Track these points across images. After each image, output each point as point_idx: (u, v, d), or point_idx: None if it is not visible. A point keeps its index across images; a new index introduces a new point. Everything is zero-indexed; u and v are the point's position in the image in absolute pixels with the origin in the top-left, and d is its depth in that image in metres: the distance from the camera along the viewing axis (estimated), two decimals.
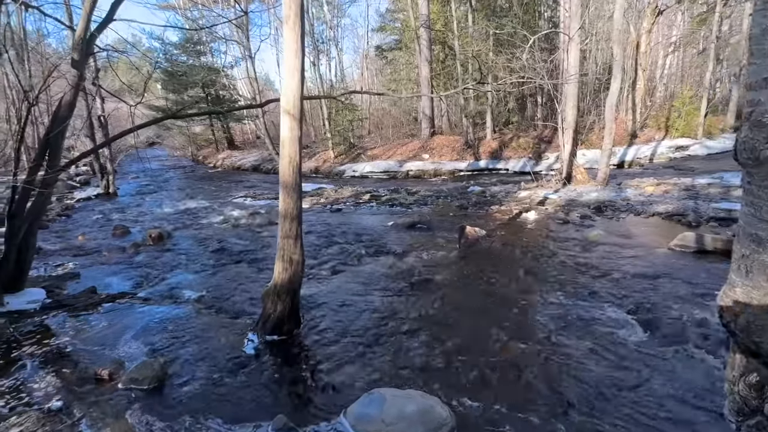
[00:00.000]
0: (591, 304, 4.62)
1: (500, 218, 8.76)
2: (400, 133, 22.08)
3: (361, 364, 3.71)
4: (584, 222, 7.98)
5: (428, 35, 19.39)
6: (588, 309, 4.50)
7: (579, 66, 11.11)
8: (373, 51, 30.27)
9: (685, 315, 4.21)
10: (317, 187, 14.26)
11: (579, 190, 10.56)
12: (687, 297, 4.63)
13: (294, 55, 3.72)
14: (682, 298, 4.60)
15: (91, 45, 5.50)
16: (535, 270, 5.75)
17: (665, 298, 4.65)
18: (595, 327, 4.13)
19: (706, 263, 5.60)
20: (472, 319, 4.46)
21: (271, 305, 4.11)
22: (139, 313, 4.77)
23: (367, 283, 5.56)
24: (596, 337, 3.95)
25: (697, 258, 5.80)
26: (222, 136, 29.18)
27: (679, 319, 4.13)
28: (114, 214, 11.52)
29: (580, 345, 3.83)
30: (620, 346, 3.77)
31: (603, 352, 3.70)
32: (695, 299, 4.56)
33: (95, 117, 14.79)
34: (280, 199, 3.99)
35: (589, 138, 18.40)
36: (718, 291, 2.72)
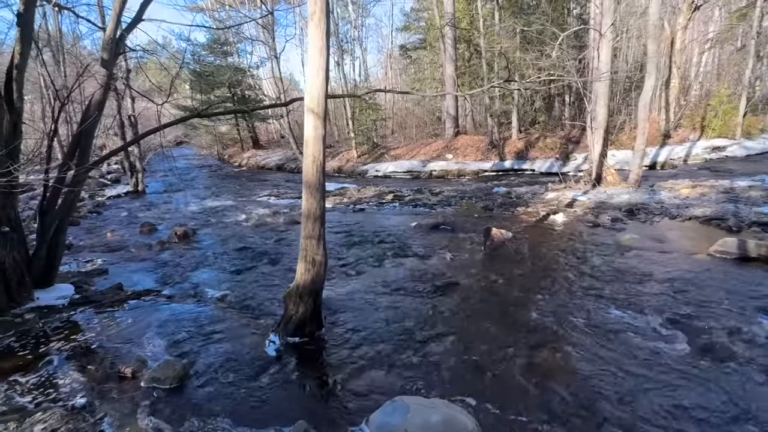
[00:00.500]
0: (626, 312, 4.40)
1: (527, 220, 8.52)
2: (423, 132, 21.89)
3: (383, 369, 3.61)
4: (615, 225, 7.68)
5: (453, 34, 19.15)
6: (622, 318, 4.29)
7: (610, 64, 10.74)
8: (397, 50, 30.16)
9: (730, 327, 3.95)
10: (340, 186, 14.25)
11: (609, 192, 10.19)
12: (731, 307, 4.36)
13: (319, 53, 3.65)
14: (726, 309, 4.33)
15: (120, 45, 5.57)
16: (564, 275, 5.54)
17: (707, 308, 4.38)
18: (632, 337, 3.91)
19: (750, 271, 5.28)
20: (499, 325, 4.30)
21: (293, 306, 4.06)
22: (163, 311, 4.79)
23: (390, 285, 5.45)
24: (633, 348, 3.74)
25: (740, 265, 5.47)
26: (247, 135, 29.58)
27: (724, 332, 3.88)
28: (142, 212, 11.75)
29: (615, 356, 3.64)
30: (659, 359, 3.56)
31: (641, 365, 3.50)
32: (741, 310, 4.28)
33: (125, 116, 15.16)
34: (303, 198, 3.93)
35: (619, 138, 17.82)
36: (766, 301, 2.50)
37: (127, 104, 15.45)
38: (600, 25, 10.87)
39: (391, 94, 25.03)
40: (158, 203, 13.23)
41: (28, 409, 3.12)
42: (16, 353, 3.88)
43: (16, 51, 4.89)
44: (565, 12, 20.07)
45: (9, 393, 3.31)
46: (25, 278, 4.80)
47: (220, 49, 26.51)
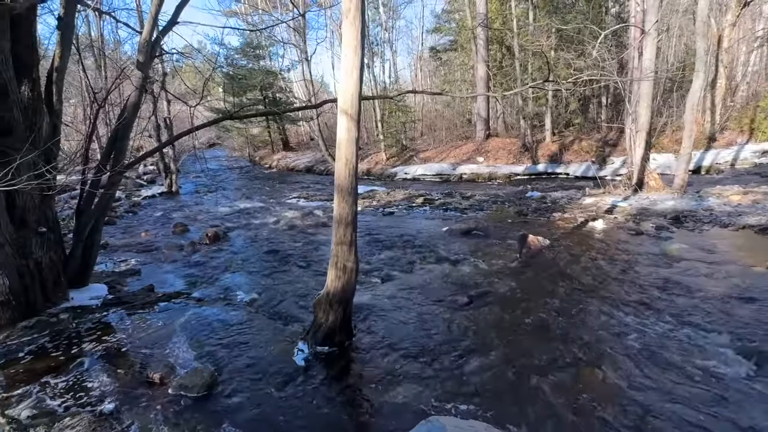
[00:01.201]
0: (677, 329, 4.06)
1: (564, 227, 8.15)
2: (453, 135, 21.57)
3: (416, 383, 3.42)
4: (660, 234, 7.23)
5: (485, 34, 18.79)
6: (674, 335, 3.95)
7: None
8: (427, 52, 29.92)
9: None
10: (369, 189, 14.14)
11: (652, 197, 9.67)
12: None
13: (353, 52, 3.51)
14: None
15: (155, 48, 5.61)
16: (607, 287, 5.21)
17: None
18: (686, 357, 3.59)
19: None
20: (538, 339, 4.05)
21: (322, 314, 3.93)
22: (192, 314, 4.75)
23: (421, 293, 5.26)
24: (688, 369, 3.42)
25: None
26: (278, 137, 29.94)
27: None
28: (175, 212, 11.96)
29: (668, 378, 3.33)
30: (720, 383, 3.23)
31: (698, 388, 3.19)
32: None
33: (161, 119, 15.54)
34: (335, 203, 3.79)
35: (660, 141, 17.02)
36: None
37: (162, 107, 15.86)
38: (642, 22, 10.37)
39: (420, 96, 24.84)
40: (191, 204, 13.46)
41: (57, 413, 3.09)
42: (49, 354, 3.90)
43: (56, 54, 4.97)
44: (602, 11, 19.38)
45: (40, 395, 3.30)
46: (60, 278, 4.86)
47: (253, 52, 26.96)
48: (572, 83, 7.03)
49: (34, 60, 4.89)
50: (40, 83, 4.98)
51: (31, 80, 4.82)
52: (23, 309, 4.35)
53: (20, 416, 3.02)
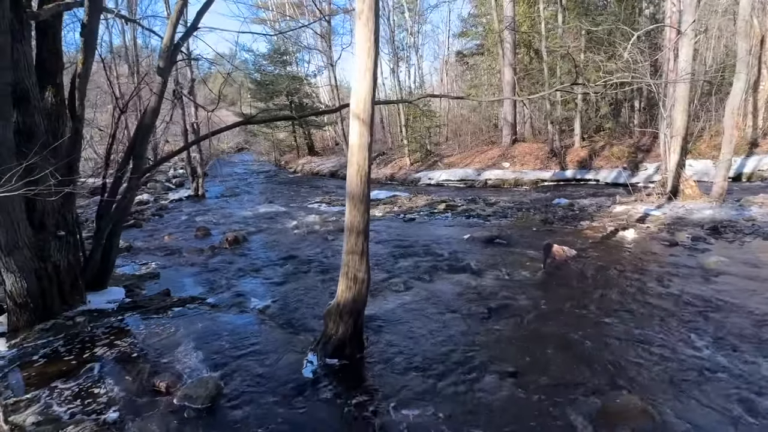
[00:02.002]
0: (718, 355, 3.72)
1: (592, 236, 7.79)
2: (479, 140, 21.23)
3: (430, 402, 3.23)
4: (697, 245, 6.80)
5: (512, 38, 18.46)
6: (715, 362, 3.62)
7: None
8: (453, 57, 29.66)
9: None
10: (391, 194, 14.00)
11: (688, 206, 9.16)
12: None
13: (366, 54, 3.38)
14: None
15: (176, 53, 5.64)
16: (639, 302, 4.88)
17: None
18: (729, 390, 3.25)
19: None
20: (561, 358, 3.79)
21: (332, 326, 3.79)
22: (204, 321, 4.71)
23: (439, 304, 5.07)
24: (731, 405, 3.10)
25: None
26: (303, 142, 30.22)
27: None
28: (200, 215, 12.14)
29: (707, 413, 3.03)
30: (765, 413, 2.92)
31: (743, 420, 2.88)
32: None
33: (189, 124, 15.87)
34: (347, 210, 3.67)
35: (697, 147, 16.22)
36: None
37: (190, 112, 16.20)
38: (678, 23, 9.90)
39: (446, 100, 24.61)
40: (215, 207, 13.64)
41: (62, 420, 3.05)
42: (61, 357, 3.91)
43: (79, 60, 5.05)
44: (636, 12, 18.72)
45: (48, 401, 3.29)
46: (78, 281, 4.91)
47: (280, 58, 27.34)
48: (602, 86, 6.70)
49: (58, 66, 4.98)
50: (64, 89, 5.08)
51: (55, 86, 4.92)
52: (40, 311, 4.39)
53: (25, 422, 3.00)
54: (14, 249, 4.09)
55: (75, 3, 5.06)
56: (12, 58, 4.05)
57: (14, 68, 4.12)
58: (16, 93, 4.18)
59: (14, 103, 4.12)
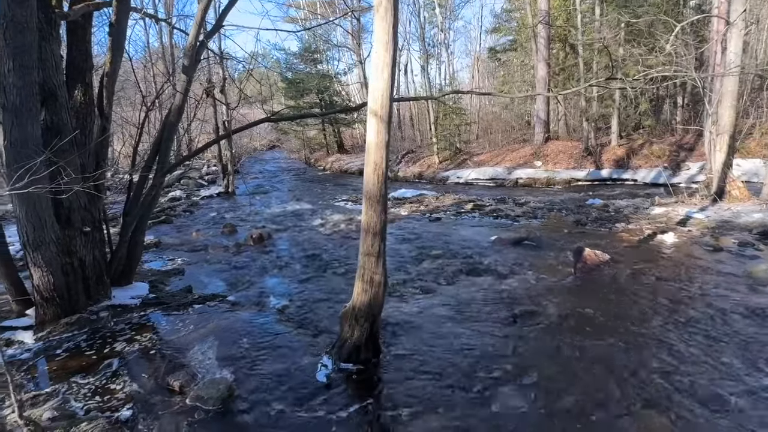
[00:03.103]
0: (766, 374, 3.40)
1: (627, 239, 7.38)
2: (510, 138, 20.70)
3: (446, 413, 3.08)
4: (744, 251, 6.33)
5: (547, 33, 17.85)
6: (762, 382, 3.30)
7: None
8: (485, 53, 29.08)
9: None
10: (418, 193, 13.80)
11: (735, 209, 8.56)
12: None
13: (384, 49, 3.25)
14: None
15: (200, 52, 5.68)
16: (677, 312, 4.55)
17: None
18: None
19: None
20: (590, 371, 3.55)
21: (348, 329, 3.69)
22: (224, 319, 4.70)
23: (461, 308, 4.88)
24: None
25: None
26: (333, 140, 30.37)
27: None
28: (229, 212, 12.32)
29: None
30: None
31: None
32: None
33: (220, 122, 16.18)
34: (363, 211, 3.55)
35: (746, 145, 15.22)
36: None
37: (222, 110, 16.50)
38: (727, 13, 9.26)
39: (477, 98, 24.16)
40: (244, 204, 13.82)
41: (77, 416, 3.08)
42: (83, 352, 3.97)
43: (107, 60, 5.14)
44: (680, 2, 17.74)
45: (66, 395, 3.33)
46: (103, 276, 5.01)
47: (311, 56, 27.55)
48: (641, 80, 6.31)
49: (87, 65, 5.09)
50: (93, 88, 5.19)
51: (84, 85, 5.02)
52: (66, 306, 4.49)
53: (41, 417, 3.03)
54: (41, 244, 4.19)
55: (104, 3, 5.15)
56: (40, 57, 4.14)
57: (42, 67, 4.21)
58: (44, 91, 4.27)
59: (42, 101, 4.21)
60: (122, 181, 12.81)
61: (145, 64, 18.41)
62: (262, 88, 24.01)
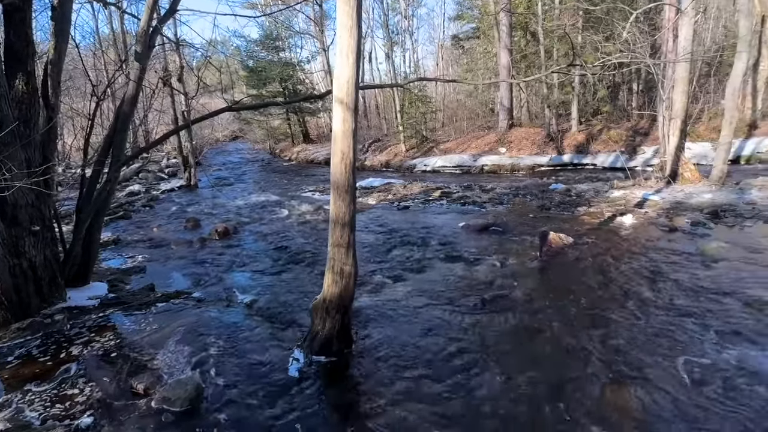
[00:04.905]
0: (721, 345, 3.59)
1: (589, 222, 7.63)
2: (475, 125, 20.92)
3: (418, 402, 3.10)
4: (697, 230, 6.65)
5: (509, 20, 18.05)
6: (721, 354, 3.48)
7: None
8: (448, 41, 29.16)
9: None
10: (386, 182, 13.78)
11: (687, 190, 8.99)
12: None
13: (348, 33, 3.16)
14: None
15: (154, 38, 5.39)
16: (636, 291, 4.74)
17: None
18: (733, 381, 3.13)
19: None
20: (559, 351, 3.66)
21: (319, 322, 3.64)
22: (189, 316, 4.55)
23: (432, 296, 4.92)
24: (738, 398, 2.97)
25: None
26: (298, 129, 29.80)
27: None
28: (191, 206, 11.92)
29: (714, 409, 2.90)
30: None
31: (749, 419, 2.75)
32: None
33: (179, 113, 15.56)
34: (331, 201, 3.48)
35: (696, 129, 16.00)
36: None
37: (181, 100, 15.85)
38: (678, 1, 9.61)
39: (441, 86, 24.24)
40: (207, 197, 13.41)
41: (33, 426, 2.91)
42: (37, 359, 3.75)
43: (50, 47, 4.80)
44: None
45: (20, 405, 3.13)
46: (57, 278, 4.73)
47: (272, 44, 26.82)
48: (599, 67, 6.48)
49: (28, 52, 4.71)
50: (37, 76, 4.83)
51: (25, 73, 4.66)
52: (16, 310, 4.22)
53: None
54: None
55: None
56: None
57: None
58: None
59: None
60: (75, 175, 12.16)
61: (95, 51, 17.40)
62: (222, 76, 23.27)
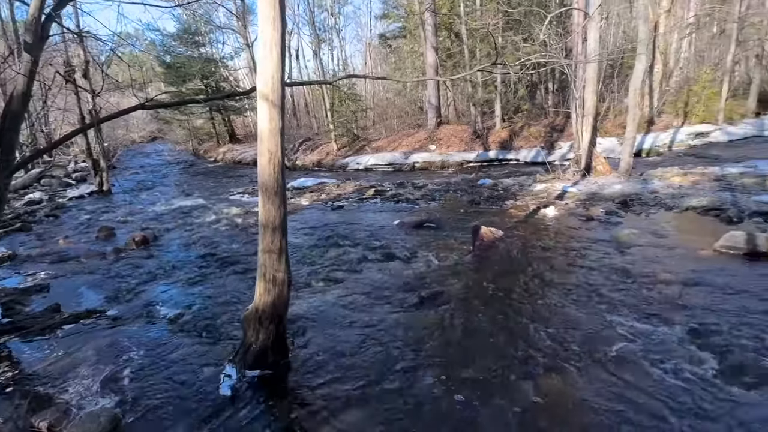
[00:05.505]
0: (636, 324, 3.87)
1: (516, 215, 7.98)
2: (405, 123, 21.22)
3: (360, 408, 3.00)
4: (610, 219, 7.19)
5: (434, 20, 18.47)
6: (634, 331, 3.75)
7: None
8: (376, 39, 29.30)
9: (756, 340, 3.46)
10: (318, 181, 13.52)
11: (600, 182, 9.73)
12: (753, 314, 3.86)
13: (271, 26, 2.97)
14: (747, 316, 3.83)
15: (47, 27, 4.76)
16: (562, 279, 5.00)
17: (725, 316, 3.89)
18: (654, 356, 3.36)
19: (763, 269, 4.82)
20: (495, 344, 3.73)
21: (252, 333, 3.41)
22: (103, 338, 4.09)
23: (370, 296, 4.84)
24: (658, 370, 3.19)
25: (752, 262, 5.01)
26: (223, 129, 28.41)
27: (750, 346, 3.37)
28: (104, 214, 10.89)
29: (637, 382, 3.09)
30: (694, 386, 3.01)
31: (672, 393, 2.96)
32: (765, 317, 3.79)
33: (86, 112, 14.13)
34: (260, 205, 3.27)
35: (604, 125, 17.47)
36: None
37: (88, 98, 14.42)
38: (586, 6, 10.35)
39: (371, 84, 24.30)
40: (123, 204, 12.34)
41: None
42: None
43: None
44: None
45: None
46: None
47: (191, 39, 25.31)
48: (520, 66, 6.79)
49: None
50: None
51: None
52: None
53: None
54: None
55: None
56: None
57: None
58: None
59: None
60: None
61: None
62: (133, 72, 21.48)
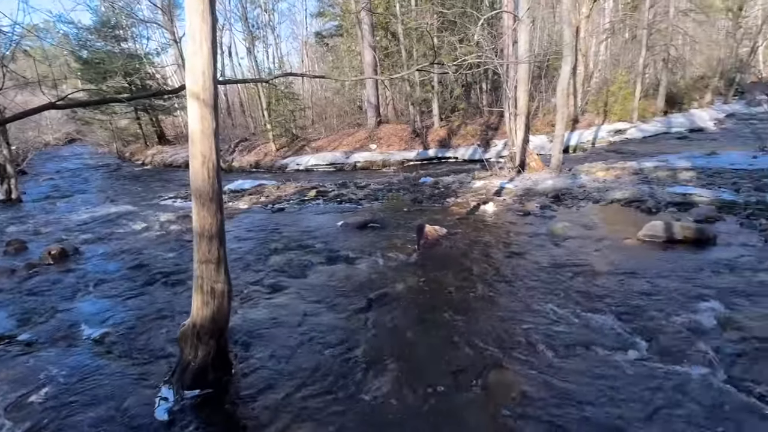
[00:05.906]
0: (576, 311, 4.06)
1: (458, 212, 8.14)
2: (344, 122, 21.08)
3: (313, 418, 2.88)
4: (545, 213, 7.54)
5: (370, 19, 18.48)
6: (571, 320, 3.92)
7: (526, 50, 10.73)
8: (312, 38, 28.87)
9: (677, 319, 3.75)
10: (257, 183, 13.03)
11: (534, 178, 10.20)
12: (673, 296, 4.18)
13: (200, 18, 2.75)
14: (669, 298, 4.15)
15: None
16: (504, 273, 5.14)
17: (650, 298, 4.18)
18: (589, 341, 3.54)
19: (679, 254, 5.25)
20: (443, 342, 3.74)
21: (190, 350, 3.16)
22: (14, 367, 3.63)
23: (317, 302, 4.69)
24: (593, 355, 3.35)
25: (669, 249, 5.44)
26: (151, 130, 26.67)
27: (673, 325, 3.65)
28: (13, 226, 9.78)
29: (574, 367, 3.22)
30: (625, 367, 3.18)
31: (605, 375, 3.11)
32: (683, 298, 4.12)
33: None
34: (194, 212, 3.03)
35: (534, 124, 18.40)
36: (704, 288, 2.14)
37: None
38: (515, 10, 10.80)
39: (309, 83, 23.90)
40: (36, 213, 11.18)
41: None
42: None
43: None
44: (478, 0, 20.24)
45: None
46: None
47: (111, 33, 23.50)
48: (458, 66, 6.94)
49: None
50: None
51: None
52: None
53: None
54: None
55: None
56: None
57: None
58: None
59: None
60: None
61: None
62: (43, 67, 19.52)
